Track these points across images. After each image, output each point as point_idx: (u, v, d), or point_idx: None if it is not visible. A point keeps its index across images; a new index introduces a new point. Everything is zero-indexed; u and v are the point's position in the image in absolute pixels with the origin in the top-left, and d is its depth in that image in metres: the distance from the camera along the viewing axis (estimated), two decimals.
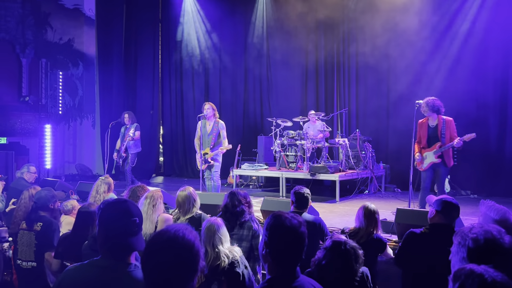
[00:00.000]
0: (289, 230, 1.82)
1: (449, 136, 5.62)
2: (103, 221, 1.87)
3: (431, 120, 5.75)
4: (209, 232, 3.01)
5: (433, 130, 5.72)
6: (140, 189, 4.21)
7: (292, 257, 1.83)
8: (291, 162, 8.74)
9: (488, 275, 1.39)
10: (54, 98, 10.44)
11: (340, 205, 7.25)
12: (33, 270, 3.90)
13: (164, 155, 12.41)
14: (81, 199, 6.54)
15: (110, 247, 1.83)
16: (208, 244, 3.00)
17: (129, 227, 1.83)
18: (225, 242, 3.03)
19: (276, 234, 1.83)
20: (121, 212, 1.86)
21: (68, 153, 11.67)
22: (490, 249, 1.76)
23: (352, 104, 9.81)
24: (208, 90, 11.54)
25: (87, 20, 11.98)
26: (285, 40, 10.44)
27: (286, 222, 1.84)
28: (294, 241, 1.83)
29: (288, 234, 1.82)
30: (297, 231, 1.83)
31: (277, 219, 1.86)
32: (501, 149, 8.07)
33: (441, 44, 8.65)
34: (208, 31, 11.43)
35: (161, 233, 1.61)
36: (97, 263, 1.84)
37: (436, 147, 5.64)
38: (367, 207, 3.47)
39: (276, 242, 1.83)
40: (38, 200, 4.03)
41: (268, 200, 5.54)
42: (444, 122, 5.65)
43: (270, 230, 1.85)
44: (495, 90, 8.08)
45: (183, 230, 1.59)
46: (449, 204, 3.05)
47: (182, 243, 1.55)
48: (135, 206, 1.94)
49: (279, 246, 1.82)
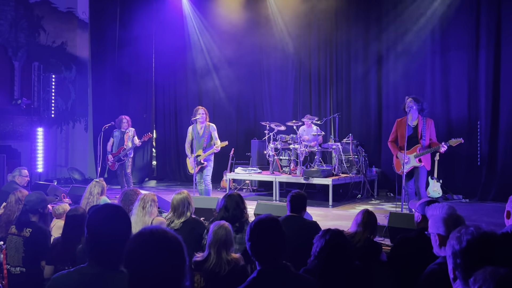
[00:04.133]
0: (265, 224, 2.16)
1: (428, 138, 5.50)
2: (91, 227, 1.85)
3: (411, 119, 5.61)
4: (216, 236, 2.98)
5: (413, 130, 5.57)
6: (133, 193, 4.21)
7: (272, 249, 2.10)
8: (284, 166, 8.76)
9: (510, 277, 1.34)
10: (47, 101, 10.38)
11: (333, 209, 7.26)
12: (21, 276, 3.85)
13: (157, 159, 12.37)
14: (73, 203, 6.50)
15: (97, 254, 1.81)
16: (213, 247, 2.98)
17: (116, 234, 1.81)
18: (230, 249, 3.01)
19: (255, 229, 2.15)
20: (109, 218, 1.84)
21: (60, 156, 11.60)
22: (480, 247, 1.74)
23: (345, 109, 9.86)
24: (202, 94, 11.53)
25: (80, 23, 11.95)
26: (279, 44, 10.48)
27: (262, 219, 2.20)
28: (271, 234, 2.13)
29: (265, 228, 2.14)
30: (273, 225, 2.17)
31: (256, 219, 2.22)
32: (493, 154, 8.14)
33: (434, 48, 8.73)
34: (202, 36, 11.45)
35: (145, 230, 1.59)
36: (83, 270, 1.82)
37: (416, 151, 5.52)
38: (368, 212, 3.50)
39: (255, 236, 2.13)
40: (28, 203, 3.99)
41: (261, 204, 5.55)
42: (425, 122, 5.51)
43: (250, 228, 2.17)
44: (487, 94, 8.17)
45: (167, 229, 1.61)
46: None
47: (166, 240, 1.55)
48: (123, 211, 1.92)
49: (258, 240, 2.12)
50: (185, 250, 1.58)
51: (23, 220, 3.95)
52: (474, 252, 1.71)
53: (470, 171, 8.27)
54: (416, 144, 5.57)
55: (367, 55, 9.55)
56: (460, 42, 8.40)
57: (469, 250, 1.72)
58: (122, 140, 8.07)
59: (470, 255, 1.71)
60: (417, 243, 3.04)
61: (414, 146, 5.57)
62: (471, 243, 1.73)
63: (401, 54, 9.04)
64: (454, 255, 1.76)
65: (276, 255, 2.09)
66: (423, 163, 5.54)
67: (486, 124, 8.19)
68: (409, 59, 8.92)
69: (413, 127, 5.59)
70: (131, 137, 8.02)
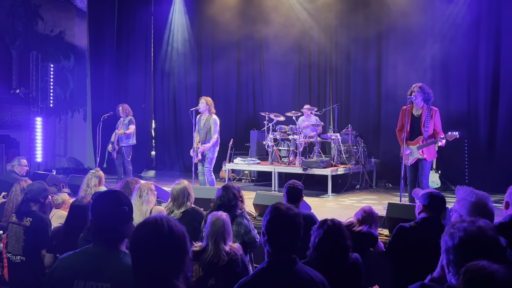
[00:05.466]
0: (286, 218, 2.06)
1: (432, 129, 5.45)
2: (95, 210, 1.96)
3: (416, 108, 5.55)
4: (214, 227, 2.99)
5: (417, 120, 5.51)
6: (134, 182, 4.23)
7: (288, 243, 2.03)
8: (283, 156, 8.77)
9: (499, 274, 1.34)
10: (45, 90, 10.33)
11: (332, 200, 7.29)
12: (22, 264, 3.88)
13: (156, 149, 12.37)
14: (72, 193, 6.52)
15: (101, 235, 1.90)
16: (210, 239, 2.98)
17: (119, 215, 1.92)
18: (228, 239, 3.01)
19: (275, 222, 2.06)
20: (111, 201, 1.95)
21: (59, 146, 11.59)
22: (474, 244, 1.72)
23: (344, 99, 9.84)
24: (201, 84, 11.50)
25: (78, 12, 11.86)
26: (278, 34, 10.42)
27: (283, 211, 2.08)
28: (290, 229, 2.05)
29: (285, 222, 2.05)
30: (293, 219, 2.06)
31: (276, 209, 2.10)
32: (492, 145, 8.15)
33: (433, 39, 8.69)
34: (200, 25, 11.37)
35: (149, 220, 1.65)
36: (89, 251, 1.91)
37: (419, 142, 5.48)
38: (369, 210, 3.52)
39: (275, 229, 2.05)
40: (29, 192, 4.00)
41: (260, 194, 5.56)
42: (429, 112, 5.42)
43: (270, 218, 2.07)
44: (486, 86, 8.15)
45: (172, 219, 1.66)
46: (435, 198, 3.09)
47: (170, 230, 1.60)
48: (124, 196, 2.03)
49: (277, 233, 2.03)
50: (187, 242, 1.64)
51: (23, 210, 3.97)
52: (466, 249, 1.70)
53: (468, 161, 8.29)
54: (419, 134, 5.51)
55: (367, 45, 9.50)
56: (461, 31, 8.36)
57: (461, 246, 1.71)
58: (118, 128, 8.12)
59: (462, 251, 1.70)
60: (416, 232, 3.06)
61: (418, 137, 5.52)
62: (463, 239, 1.72)
63: (401, 43, 9.00)
64: (447, 251, 1.76)
65: (290, 248, 2.05)
66: (425, 155, 5.49)
67: (485, 115, 8.18)
68: (409, 49, 8.88)
69: (417, 117, 5.53)
70: (126, 125, 8.02)
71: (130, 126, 8.03)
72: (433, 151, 5.64)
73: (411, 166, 5.62)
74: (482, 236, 1.72)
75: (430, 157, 5.56)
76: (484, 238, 1.72)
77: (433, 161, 5.73)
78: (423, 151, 5.49)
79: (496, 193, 7.48)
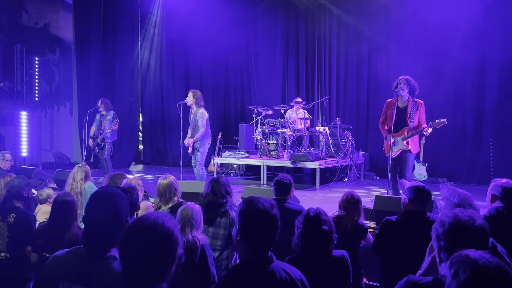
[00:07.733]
0: (261, 212, 1.85)
1: (417, 120, 5.44)
2: (88, 211, 1.88)
3: (401, 101, 5.53)
4: (181, 214, 3.01)
5: (402, 112, 5.49)
6: (120, 177, 4.15)
7: (265, 239, 1.86)
8: (272, 150, 8.75)
9: (482, 261, 1.34)
10: (30, 84, 10.16)
11: (320, 193, 7.31)
12: (6, 261, 3.82)
13: (143, 143, 12.25)
14: (58, 187, 6.44)
15: (92, 237, 1.84)
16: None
17: (111, 219, 1.83)
18: (194, 229, 3.00)
19: (249, 217, 1.86)
20: (105, 204, 1.85)
21: (45, 140, 11.43)
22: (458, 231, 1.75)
23: (333, 93, 9.85)
24: (189, 77, 11.40)
25: (64, 4, 11.66)
26: (266, 28, 10.38)
27: (258, 206, 1.87)
28: (267, 223, 1.86)
29: (260, 217, 1.85)
30: (269, 213, 1.86)
31: (249, 204, 1.89)
32: (478, 137, 8.24)
33: (422, 34, 8.73)
34: (188, 17, 11.25)
35: (140, 219, 1.60)
36: (78, 251, 1.85)
37: (404, 133, 5.46)
38: (352, 195, 3.49)
39: (249, 225, 1.85)
40: (12, 188, 3.92)
41: (249, 189, 5.54)
42: (414, 104, 5.41)
43: (243, 214, 1.88)
44: (473, 78, 8.22)
45: (163, 218, 1.60)
46: (420, 191, 3.10)
47: (161, 230, 1.55)
48: (120, 197, 1.89)
49: (251, 229, 1.85)
50: (180, 246, 1.60)
51: (7, 207, 3.89)
52: (457, 234, 1.73)
53: (455, 154, 8.38)
54: (404, 126, 5.51)
55: (357, 38, 9.51)
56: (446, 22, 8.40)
57: (451, 232, 1.75)
58: (101, 124, 7.96)
59: (452, 237, 1.74)
60: (403, 225, 3.07)
61: (402, 128, 5.53)
62: (453, 225, 1.75)
63: (391, 36, 9.02)
64: (438, 238, 1.79)
65: (265, 244, 1.87)
66: (410, 146, 5.52)
67: (472, 108, 8.27)
68: (397, 42, 8.91)
69: (402, 109, 5.52)
70: (110, 121, 7.89)
71: (114, 122, 7.89)
72: (417, 144, 5.66)
73: (393, 159, 5.57)
74: (471, 222, 1.75)
75: (415, 149, 5.56)
76: (473, 225, 1.75)
77: (416, 154, 5.72)
78: (408, 142, 5.47)
79: (481, 184, 7.58)
